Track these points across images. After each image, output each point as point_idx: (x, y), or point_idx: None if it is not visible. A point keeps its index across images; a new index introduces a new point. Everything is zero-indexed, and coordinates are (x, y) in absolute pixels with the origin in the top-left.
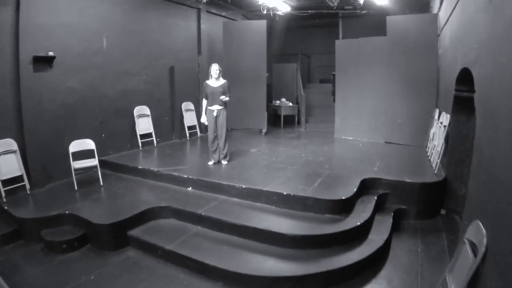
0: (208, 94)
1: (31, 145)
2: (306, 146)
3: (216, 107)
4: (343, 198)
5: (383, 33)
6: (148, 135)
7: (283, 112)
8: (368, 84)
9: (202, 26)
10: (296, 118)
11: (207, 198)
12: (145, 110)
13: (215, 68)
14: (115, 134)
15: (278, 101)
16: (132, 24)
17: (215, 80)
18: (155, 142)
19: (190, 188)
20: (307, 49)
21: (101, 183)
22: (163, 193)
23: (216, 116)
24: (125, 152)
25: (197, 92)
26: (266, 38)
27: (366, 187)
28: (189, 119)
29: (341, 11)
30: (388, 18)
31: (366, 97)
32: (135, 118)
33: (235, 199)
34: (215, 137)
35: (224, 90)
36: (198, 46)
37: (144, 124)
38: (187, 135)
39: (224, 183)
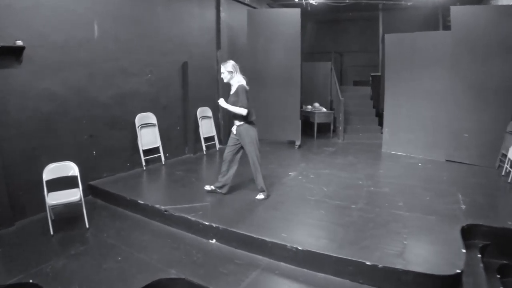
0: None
1: None
2: (356, 167)
3: (235, 123)
4: (458, 271)
5: (431, 29)
6: (154, 150)
7: (317, 120)
8: (426, 90)
9: (222, 15)
10: (332, 127)
11: (241, 262)
12: (150, 118)
13: (221, 71)
14: (110, 150)
15: (309, 106)
16: (132, 9)
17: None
18: (163, 159)
19: (214, 241)
20: (339, 46)
21: (87, 225)
22: (174, 247)
23: (236, 135)
24: (124, 174)
25: (215, 95)
26: (300, 31)
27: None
28: (206, 128)
29: (383, 2)
30: (453, 8)
31: (422, 106)
32: (137, 129)
33: (283, 265)
34: (230, 161)
35: (236, 100)
36: (217, 39)
37: (148, 137)
38: (204, 148)
39: (268, 239)
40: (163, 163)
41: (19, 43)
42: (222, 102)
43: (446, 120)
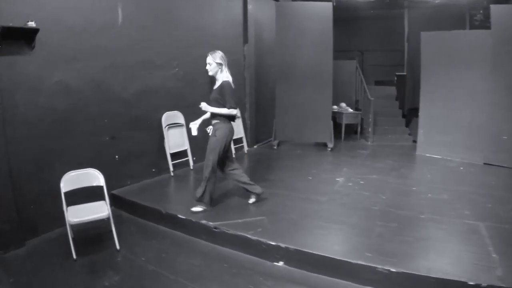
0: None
1: None
2: (400, 171)
3: (212, 121)
4: None
5: (457, 28)
6: (182, 153)
7: (345, 121)
8: (464, 91)
9: (249, 7)
10: (359, 128)
11: None
12: (178, 117)
13: (208, 61)
14: (134, 154)
15: (335, 107)
16: None
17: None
18: (191, 163)
19: (282, 263)
20: (360, 44)
21: (117, 246)
22: (234, 274)
23: (210, 133)
24: (150, 181)
25: (242, 93)
26: (332, 25)
27: None
28: (235, 128)
29: None
30: (493, 7)
31: (461, 107)
32: (164, 130)
33: None
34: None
35: (219, 97)
36: (243, 32)
37: (176, 138)
38: (233, 151)
39: (353, 261)
40: (192, 167)
41: (32, 24)
42: (205, 106)
43: (485, 121)
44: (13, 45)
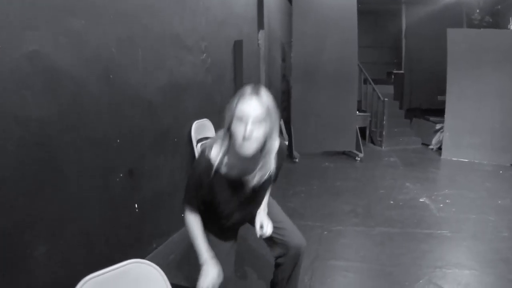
0: (222, 206)
1: None
2: (459, 182)
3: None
4: None
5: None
6: None
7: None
8: (494, 92)
9: None
10: (367, 132)
11: None
12: (208, 128)
13: (254, 115)
14: (160, 196)
15: None
16: None
17: (240, 157)
18: None
19: None
20: None
21: None
22: None
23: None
24: (179, 236)
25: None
26: (356, 19)
27: None
28: None
29: None
30: None
31: (489, 108)
32: (195, 148)
33: None
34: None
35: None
36: (258, 15)
37: None
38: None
39: None
40: None
41: None
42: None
43: None
44: None
